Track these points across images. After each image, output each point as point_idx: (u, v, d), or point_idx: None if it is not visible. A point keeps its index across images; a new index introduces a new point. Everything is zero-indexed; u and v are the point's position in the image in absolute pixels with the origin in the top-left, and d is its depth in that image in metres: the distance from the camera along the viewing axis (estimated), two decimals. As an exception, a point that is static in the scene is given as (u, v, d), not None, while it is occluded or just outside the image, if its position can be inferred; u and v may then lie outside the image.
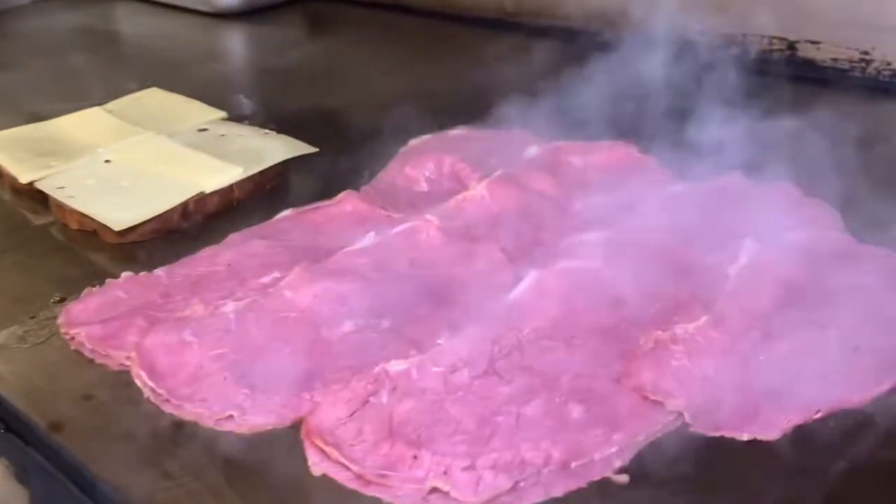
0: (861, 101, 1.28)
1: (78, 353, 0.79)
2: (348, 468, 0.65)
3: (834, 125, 0.96)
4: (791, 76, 1.28)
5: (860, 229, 0.89)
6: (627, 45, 1.44)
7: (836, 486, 0.63)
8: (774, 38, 1.38)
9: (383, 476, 0.64)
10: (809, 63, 1.35)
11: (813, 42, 1.34)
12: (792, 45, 1.37)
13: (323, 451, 0.66)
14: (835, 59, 1.33)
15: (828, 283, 0.82)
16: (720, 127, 1.00)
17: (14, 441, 0.74)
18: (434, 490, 0.63)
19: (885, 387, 0.70)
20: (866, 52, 1.29)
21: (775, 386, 0.71)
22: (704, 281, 0.83)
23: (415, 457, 0.65)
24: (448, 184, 1.04)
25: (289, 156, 1.10)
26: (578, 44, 1.62)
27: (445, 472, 0.64)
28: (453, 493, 0.63)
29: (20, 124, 1.23)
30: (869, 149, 1.00)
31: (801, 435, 0.67)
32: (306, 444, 0.67)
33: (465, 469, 0.64)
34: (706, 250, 0.88)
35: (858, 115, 1.11)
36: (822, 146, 0.93)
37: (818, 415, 0.68)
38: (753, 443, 0.66)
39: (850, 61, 1.31)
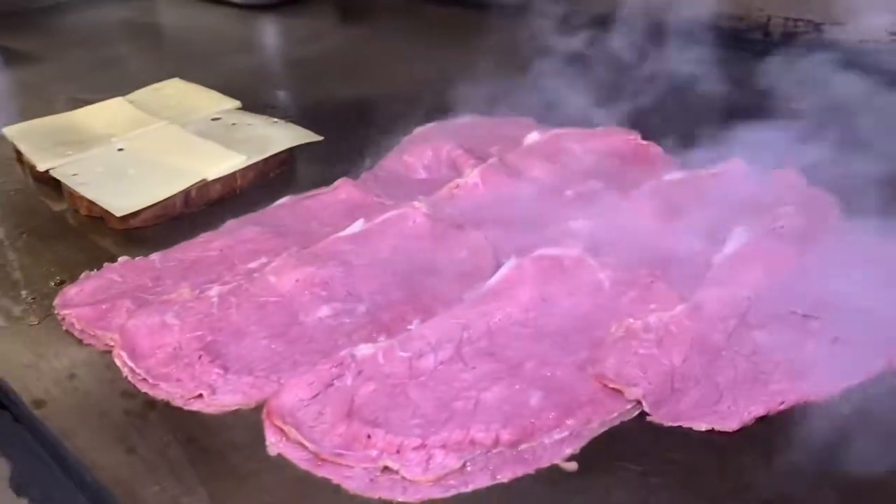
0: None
1: (68, 333, 0.82)
2: (305, 448, 0.66)
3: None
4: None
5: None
6: (665, 31, 1.41)
7: (790, 479, 0.62)
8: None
9: (338, 455, 0.65)
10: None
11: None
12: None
13: (282, 431, 0.67)
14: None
15: (815, 273, 0.80)
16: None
17: (4, 416, 0.77)
18: (385, 470, 0.64)
19: (857, 380, 0.69)
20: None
21: (744, 376, 0.70)
22: (687, 269, 0.82)
23: (369, 436, 0.66)
24: (445, 171, 1.05)
25: (292, 144, 1.11)
26: (606, 30, 1.60)
27: (398, 451, 0.65)
28: (403, 472, 0.63)
29: (53, 113, 1.27)
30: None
31: (763, 426, 0.66)
32: (266, 424, 0.68)
33: (416, 448, 0.64)
34: (693, 238, 0.86)
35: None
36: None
37: (782, 406, 0.67)
38: (711, 433, 0.65)
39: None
